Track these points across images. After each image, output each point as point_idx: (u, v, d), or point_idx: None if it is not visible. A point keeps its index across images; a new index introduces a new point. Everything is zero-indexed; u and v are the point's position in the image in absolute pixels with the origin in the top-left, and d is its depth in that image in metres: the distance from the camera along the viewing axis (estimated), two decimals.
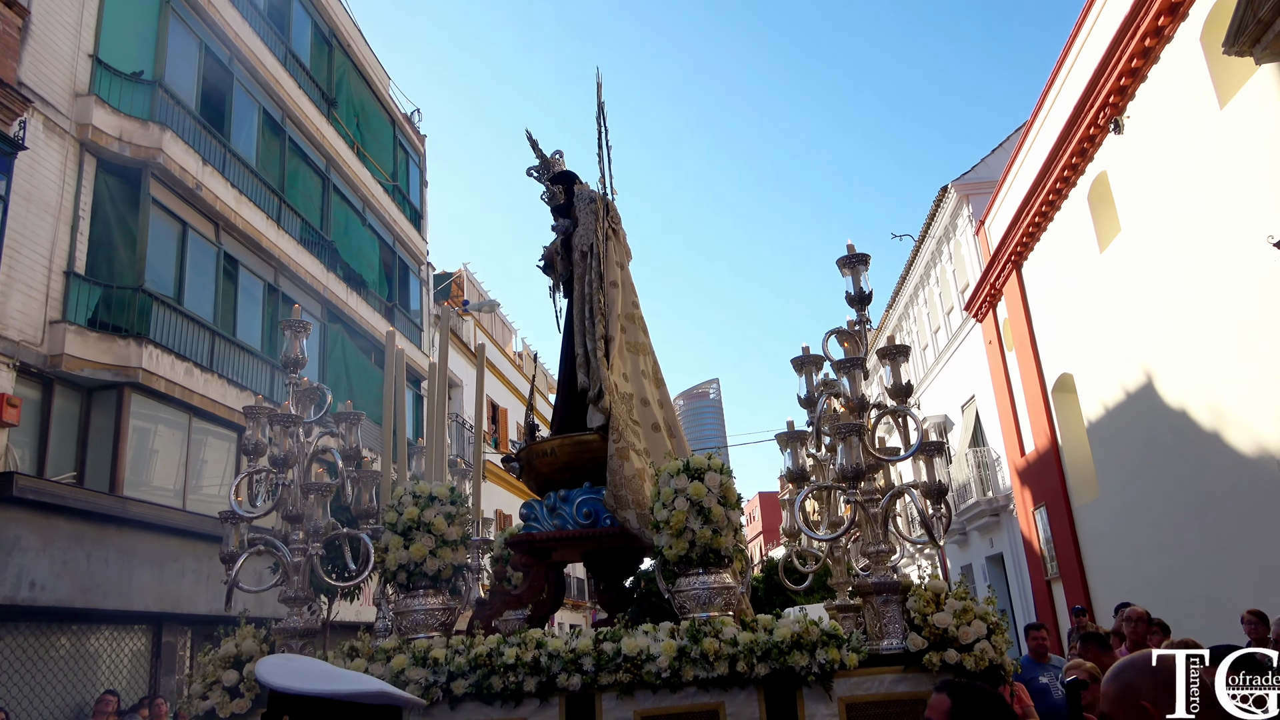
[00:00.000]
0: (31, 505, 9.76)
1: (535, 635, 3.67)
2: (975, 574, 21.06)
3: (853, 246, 3.97)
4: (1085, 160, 13.18)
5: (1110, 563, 13.86)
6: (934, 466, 3.71)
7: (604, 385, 4.78)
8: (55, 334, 10.94)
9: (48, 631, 10.62)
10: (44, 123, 11.10)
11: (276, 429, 4.42)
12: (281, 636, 4.12)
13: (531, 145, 5.93)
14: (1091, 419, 14.17)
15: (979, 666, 3.32)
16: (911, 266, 23.68)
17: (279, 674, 1.68)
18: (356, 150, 19.31)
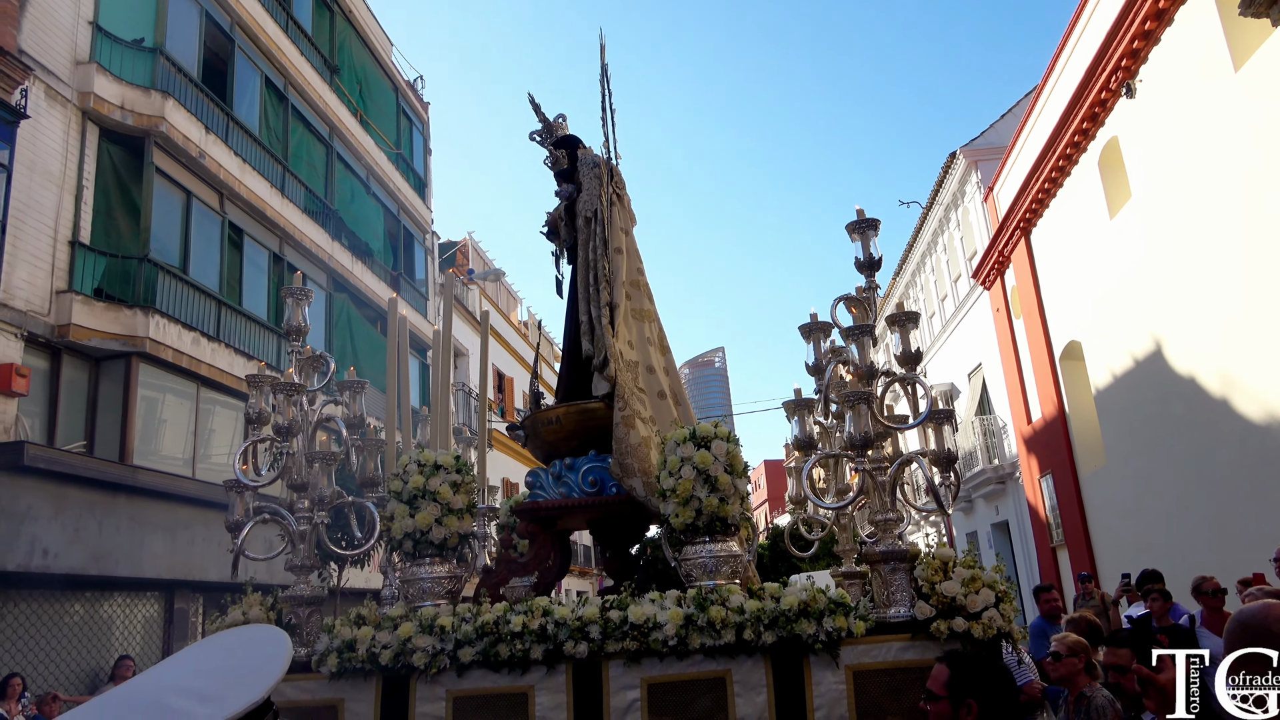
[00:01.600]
0: (43, 474, 9.82)
1: (542, 603, 3.68)
2: (980, 541, 21.13)
3: (862, 211, 3.92)
4: (1096, 125, 13.00)
5: (1116, 530, 13.88)
6: (943, 435, 3.69)
7: (609, 353, 4.75)
8: (62, 304, 10.95)
9: (61, 599, 10.74)
10: (45, 91, 11.02)
11: (280, 397, 4.40)
12: (289, 604, 4.14)
13: (534, 109, 5.84)
14: (1099, 387, 14.11)
15: (987, 634, 3.32)
16: (919, 234, 23.52)
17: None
18: (360, 118, 19.17)
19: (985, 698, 2.52)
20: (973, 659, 2.72)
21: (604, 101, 5.78)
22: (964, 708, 2.49)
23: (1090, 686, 4.36)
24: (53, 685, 10.15)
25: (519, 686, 3.57)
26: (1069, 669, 4.38)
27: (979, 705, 2.50)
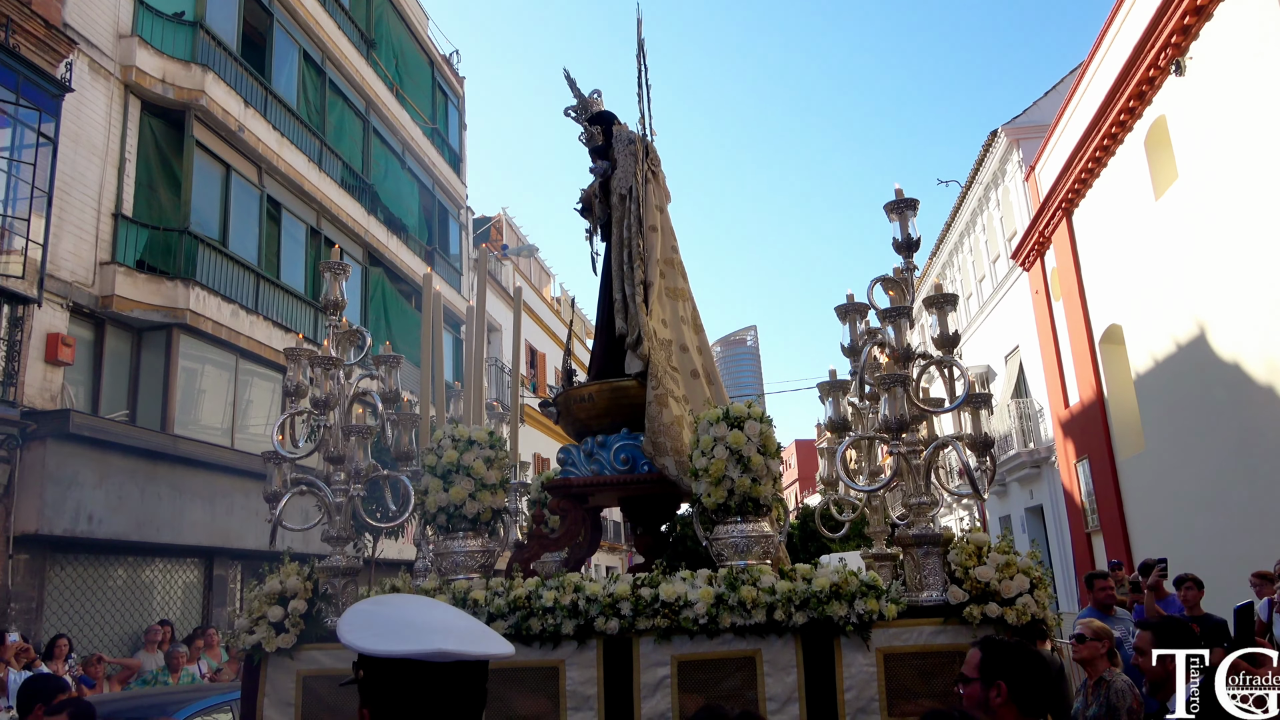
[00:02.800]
0: (88, 442, 10.06)
1: (573, 579, 3.70)
2: (1014, 525, 20.96)
3: (901, 191, 3.86)
4: (1143, 103, 12.69)
5: (1153, 517, 13.69)
6: (979, 419, 3.65)
7: (643, 331, 4.73)
8: (105, 275, 11.15)
9: (105, 563, 11.03)
10: (89, 65, 11.17)
11: (317, 371, 4.45)
12: (325, 574, 4.21)
13: (569, 84, 5.80)
14: (1140, 371, 13.87)
15: (1020, 621, 3.30)
16: (957, 213, 23.18)
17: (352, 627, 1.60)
18: (396, 92, 19.22)
19: (1015, 680, 2.55)
20: (1005, 644, 2.76)
21: (640, 77, 5.73)
22: (994, 689, 2.54)
23: (1110, 671, 4.35)
24: (96, 647, 10.44)
25: (550, 660, 3.60)
26: (1091, 652, 4.36)
27: (1008, 687, 2.54)
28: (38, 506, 9.54)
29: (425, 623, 1.60)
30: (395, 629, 1.57)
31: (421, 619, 1.62)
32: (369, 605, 1.68)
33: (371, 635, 1.56)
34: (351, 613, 1.66)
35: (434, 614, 1.66)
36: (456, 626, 1.63)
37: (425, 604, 1.73)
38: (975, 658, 2.64)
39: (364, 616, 1.63)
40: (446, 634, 1.57)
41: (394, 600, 1.74)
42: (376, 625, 1.59)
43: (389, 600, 1.73)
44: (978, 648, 2.71)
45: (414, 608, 1.69)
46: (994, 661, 2.58)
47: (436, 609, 1.70)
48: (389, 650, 1.53)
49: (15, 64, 9.46)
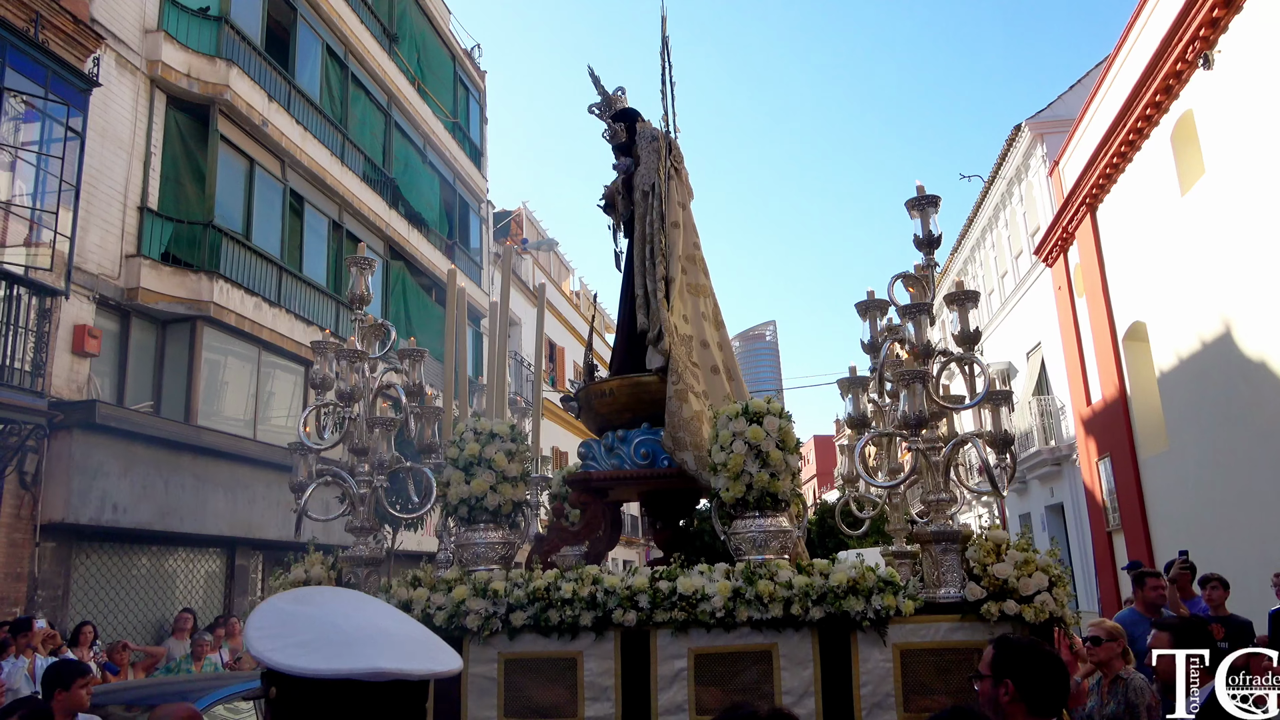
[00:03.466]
0: (113, 432, 10.20)
1: (592, 571, 3.74)
2: (1034, 523, 20.82)
3: (922, 188, 3.86)
4: (1170, 98, 12.53)
5: (1176, 517, 13.56)
6: (1000, 416, 3.64)
7: (664, 327, 4.76)
8: (131, 268, 11.29)
9: (129, 552, 11.19)
10: (116, 59, 11.30)
11: (343, 364, 4.51)
12: (348, 564, 4.27)
13: (593, 81, 5.83)
14: (1164, 369, 13.73)
15: (1039, 619, 3.30)
16: (980, 208, 23.00)
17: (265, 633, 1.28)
18: (418, 87, 19.30)
19: (1023, 678, 2.57)
20: (1019, 642, 2.78)
21: (664, 74, 5.75)
22: (1002, 686, 2.56)
23: (1126, 670, 4.34)
24: (121, 634, 10.60)
25: (568, 651, 3.64)
26: (1108, 653, 4.35)
27: (1015, 685, 2.56)
28: (64, 496, 9.69)
29: (356, 630, 1.29)
30: (319, 637, 1.26)
31: (351, 623, 1.30)
32: (285, 603, 1.36)
33: (289, 645, 1.25)
34: (263, 613, 1.33)
35: (365, 616, 1.35)
36: (394, 635, 1.32)
37: (353, 602, 1.41)
38: (989, 655, 2.66)
39: (279, 619, 1.31)
40: (382, 647, 1.26)
41: (316, 596, 1.41)
42: (296, 631, 1.27)
43: (310, 596, 1.41)
44: (992, 645, 2.73)
45: (340, 606, 1.37)
46: (1004, 659, 2.60)
47: (367, 608, 1.39)
48: (311, 669, 1.21)
49: (44, 59, 9.59)
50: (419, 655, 1.31)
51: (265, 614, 1.33)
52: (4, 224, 9.27)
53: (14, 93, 9.34)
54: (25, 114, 9.64)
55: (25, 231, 9.49)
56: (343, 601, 1.40)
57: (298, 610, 1.33)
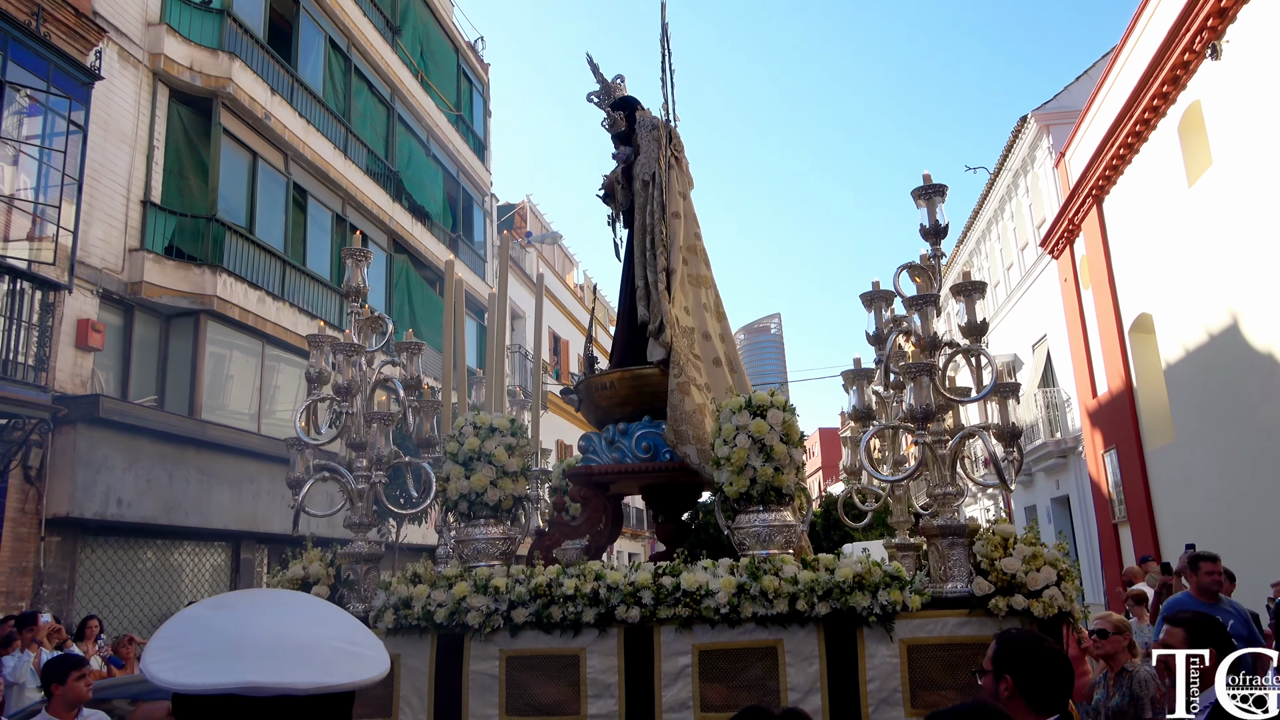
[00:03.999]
0: (117, 426, 10.20)
1: (594, 567, 3.70)
2: (1040, 515, 20.77)
3: (929, 177, 3.80)
4: (1177, 89, 12.43)
5: (1182, 509, 13.50)
6: (1007, 408, 3.59)
7: (665, 319, 4.72)
8: (134, 262, 11.27)
9: (134, 546, 11.19)
10: (118, 53, 11.26)
11: (340, 357, 4.47)
12: (347, 560, 4.23)
13: (592, 69, 5.77)
14: (1170, 361, 13.66)
15: (1047, 613, 3.25)
16: (985, 200, 22.89)
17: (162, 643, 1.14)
18: (421, 79, 19.24)
19: (1022, 674, 2.55)
20: (1020, 637, 2.76)
21: (664, 62, 5.69)
22: (1002, 682, 2.54)
23: (1132, 662, 4.30)
24: (126, 628, 10.61)
25: (571, 648, 3.61)
26: (1114, 646, 4.31)
27: (1015, 681, 2.54)
28: (69, 490, 9.69)
29: (258, 638, 1.14)
30: (214, 648, 1.12)
31: (259, 632, 1.15)
32: (204, 609, 1.21)
33: (175, 657, 1.11)
34: (174, 621, 1.19)
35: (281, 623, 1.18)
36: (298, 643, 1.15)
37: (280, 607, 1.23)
38: (991, 650, 2.65)
39: (185, 627, 1.17)
40: (271, 657, 1.11)
41: (238, 601, 1.25)
42: (192, 641, 1.13)
43: (232, 601, 1.24)
44: (996, 640, 2.71)
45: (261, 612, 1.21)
46: (1005, 654, 2.59)
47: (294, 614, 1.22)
48: (179, 683, 1.08)
49: (46, 52, 9.55)
50: (314, 666, 1.13)
51: (175, 622, 1.18)
52: (7, 218, 9.25)
53: (16, 86, 9.31)
54: (28, 108, 9.61)
55: (28, 226, 9.48)
56: (269, 606, 1.24)
57: (210, 616, 1.18)
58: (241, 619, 1.18)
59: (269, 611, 1.21)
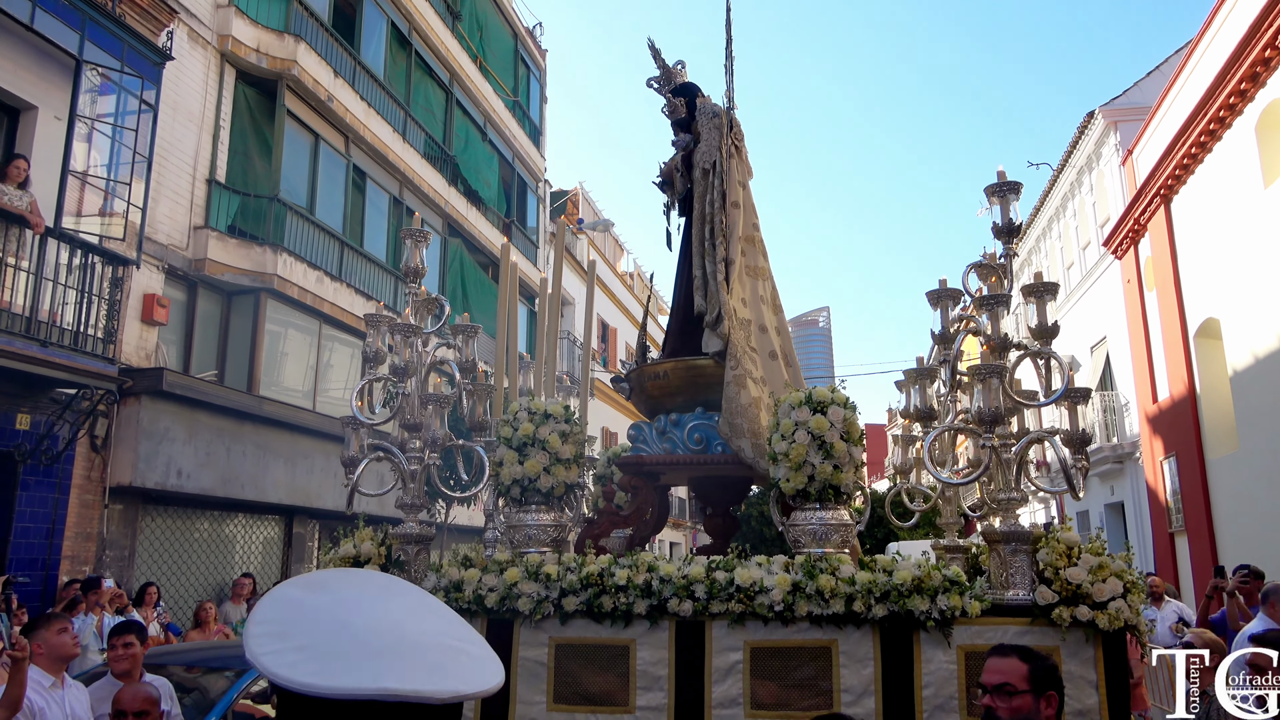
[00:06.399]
0: (179, 399, 10.45)
1: (647, 558, 3.68)
2: (1092, 521, 20.31)
3: (1004, 173, 3.70)
4: (1256, 85, 11.98)
5: (1243, 520, 13.08)
6: (1076, 414, 3.49)
7: (723, 310, 4.68)
8: (199, 239, 11.52)
9: (191, 516, 11.49)
10: (188, 34, 11.49)
11: (397, 338, 4.51)
12: (398, 541, 4.28)
13: (653, 55, 5.72)
14: (1237, 368, 13.22)
15: (1113, 626, 3.16)
16: (1047, 197, 22.36)
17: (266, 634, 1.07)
18: (479, 64, 19.33)
19: (1060, 692, 2.56)
20: (1037, 652, 2.73)
21: (727, 49, 5.63)
22: (1044, 700, 2.52)
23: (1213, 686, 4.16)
24: (182, 595, 10.91)
25: (621, 639, 3.60)
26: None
27: (1060, 698, 2.54)
28: (132, 460, 9.97)
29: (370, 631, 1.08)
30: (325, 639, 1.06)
31: (366, 622, 1.09)
32: (296, 589, 1.15)
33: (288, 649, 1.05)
34: (270, 603, 1.12)
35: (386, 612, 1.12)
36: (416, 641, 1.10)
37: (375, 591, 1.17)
38: (1021, 669, 2.57)
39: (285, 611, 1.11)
40: (399, 657, 1.06)
41: (332, 581, 1.18)
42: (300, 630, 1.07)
43: (325, 581, 1.17)
44: (1017, 658, 2.63)
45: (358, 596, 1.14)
46: (1044, 674, 2.58)
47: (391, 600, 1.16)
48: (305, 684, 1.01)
49: (121, 32, 9.78)
50: (446, 671, 1.07)
51: (272, 605, 1.12)
52: (80, 194, 9.51)
53: (92, 65, 9.54)
54: (101, 86, 9.85)
55: (100, 202, 9.73)
56: (363, 589, 1.17)
57: (307, 599, 1.12)
58: (339, 603, 1.12)
59: (370, 597, 1.15)
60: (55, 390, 9.21)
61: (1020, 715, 2.51)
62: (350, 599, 1.13)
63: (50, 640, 4.30)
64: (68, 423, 9.28)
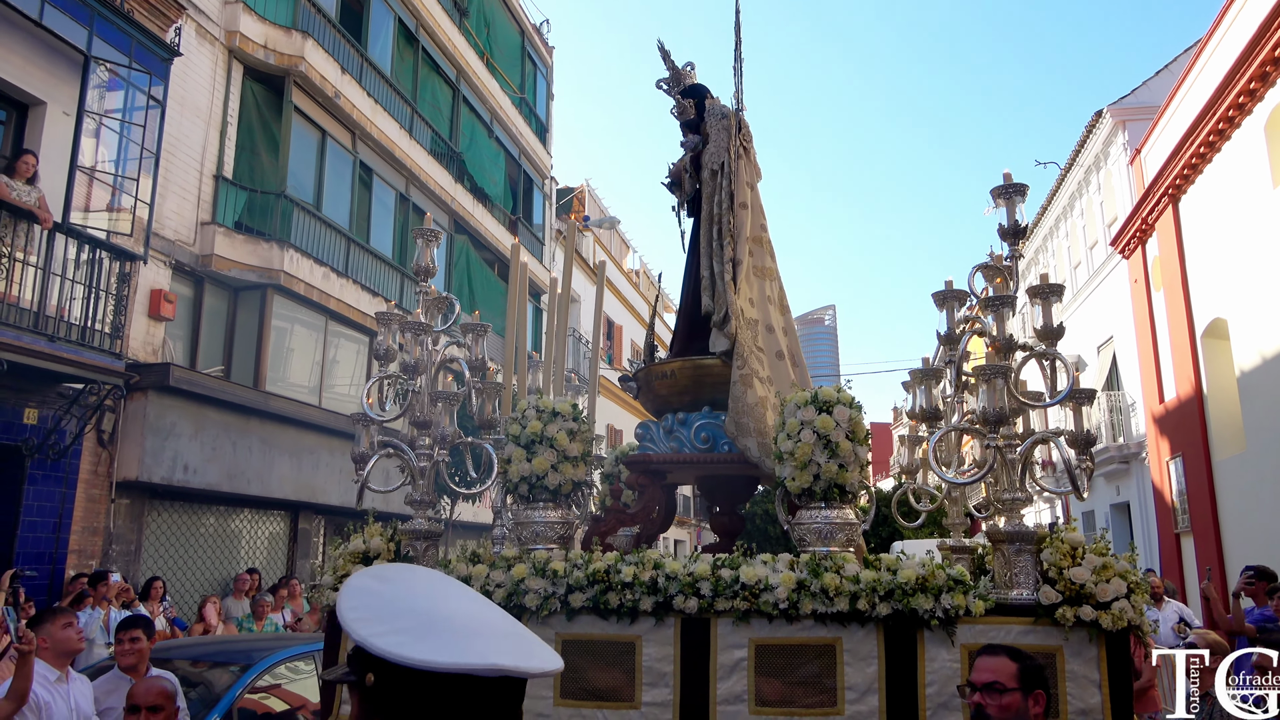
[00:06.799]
0: (185, 395, 10.50)
1: (653, 556, 3.70)
2: (1097, 522, 20.30)
3: (1010, 175, 3.71)
4: (1266, 85, 11.94)
5: (1250, 521, 13.06)
6: (1081, 414, 3.51)
7: (730, 309, 4.69)
8: (206, 235, 11.56)
9: (197, 511, 11.54)
10: (196, 30, 11.53)
11: (407, 336, 4.53)
12: (407, 537, 4.30)
13: (662, 56, 5.73)
14: (1245, 368, 13.19)
15: (1116, 626, 3.18)
16: (1054, 196, 22.33)
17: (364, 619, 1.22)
18: (486, 61, 19.35)
19: (1048, 692, 2.60)
20: (1025, 652, 2.75)
21: (736, 50, 5.64)
22: (1032, 698, 2.56)
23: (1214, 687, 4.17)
24: (188, 590, 10.97)
25: (627, 635, 3.62)
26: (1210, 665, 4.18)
27: (1047, 696, 2.58)
28: (138, 455, 10.02)
29: (453, 617, 1.24)
30: (424, 626, 1.21)
31: (446, 610, 1.26)
32: (371, 582, 1.31)
33: (396, 633, 1.20)
34: (353, 593, 1.28)
35: (456, 603, 1.29)
36: (495, 626, 1.27)
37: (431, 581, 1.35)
38: (1010, 668, 2.60)
39: (370, 600, 1.26)
40: (493, 640, 1.22)
41: (395, 574, 1.35)
42: (395, 616, 1.23)
43: (391, 574, 1.35)
44: (1005, 657, 2.66)
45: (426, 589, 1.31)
46: (1032, 674, 2.61)
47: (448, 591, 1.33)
48: (433, 661, 1.16)
49: (129, 28, 9.82)
50: (532, 652, 1.26)
51: (355, 594, 1.27)
52: (88, 189, 9.55)
53: (100, 61, 9.58)
54: (109, 82, 9.89)
55: (107, 197, 9.77)
56: (424, 582, 1.34)
57: (382, 590, 1.28)
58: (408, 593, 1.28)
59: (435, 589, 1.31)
60: (62, 385, 9.26)
61: (1009, 713, 2.54)
62: (417, 589, 1.30)
63: (55, 635, 4.34)
64: (75, 417, 9.33)
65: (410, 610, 1.24)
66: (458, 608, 1.27)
